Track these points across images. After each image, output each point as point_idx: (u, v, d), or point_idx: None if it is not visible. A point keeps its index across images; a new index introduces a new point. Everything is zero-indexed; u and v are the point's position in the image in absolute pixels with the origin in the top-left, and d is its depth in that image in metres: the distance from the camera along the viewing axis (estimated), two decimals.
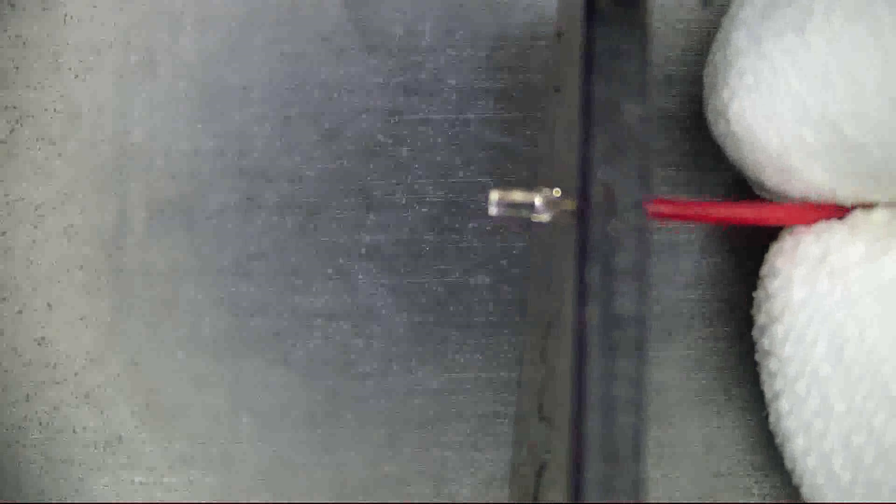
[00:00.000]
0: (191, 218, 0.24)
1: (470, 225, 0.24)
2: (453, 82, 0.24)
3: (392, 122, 0.24)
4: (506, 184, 0.24)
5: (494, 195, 0.18)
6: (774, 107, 0.20)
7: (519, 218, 0.18)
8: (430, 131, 0.24)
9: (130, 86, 0.24)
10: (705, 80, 0.22)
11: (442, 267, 0.24)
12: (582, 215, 0.15)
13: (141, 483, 0.24)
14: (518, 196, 0.18)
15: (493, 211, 0.19)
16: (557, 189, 0.18)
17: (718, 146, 0.22)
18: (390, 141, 0.24)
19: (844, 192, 0.20)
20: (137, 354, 0.24)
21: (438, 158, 0.24)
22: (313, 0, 0.24)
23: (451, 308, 0.24)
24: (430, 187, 0.24)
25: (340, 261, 0.24)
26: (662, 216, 0.22)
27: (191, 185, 0.24)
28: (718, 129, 0.21)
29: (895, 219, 0.20)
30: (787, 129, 0.20)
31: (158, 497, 0.24)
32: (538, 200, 0.18)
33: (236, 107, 0.24)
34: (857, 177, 0.20)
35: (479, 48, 0.24)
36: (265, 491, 0.24)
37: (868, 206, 0.21)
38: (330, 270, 0.24)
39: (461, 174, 0.24)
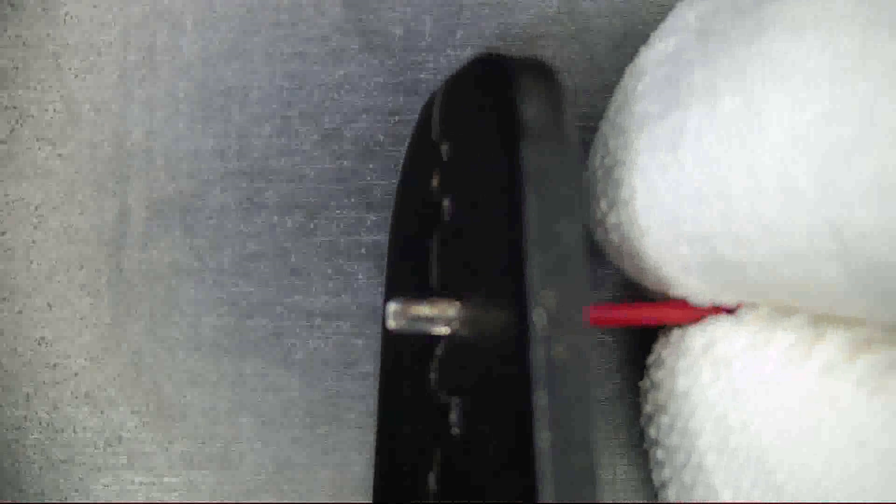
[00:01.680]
0: (191, 218, 0.24)
1: None
2: None
3: (392, 122, 0.24)
4: None
5: (392, 307, 0.18)
6: (650, 221, 0.19)
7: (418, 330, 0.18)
8: None
9: (130, 86, 0.24)
10: (584, 184, 0.21)
11: None
12: (522, 338, 0.15)
13: (141, 483, 0.24)
14: (420, 310, 0.18)
15: (391, 324, 0.18)
16: (456, 302, 0.18)
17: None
18: (390, 141, 0.24)
19: (724, 300, 0.20)
20: (137, 354, 0.24)
21: None
22: (313, 0, 0.24)
23: None
24: None
25: (340, 261, 0.24)
26: (599, 322, 0.21)
27: (191, 185, 0.24)
28: (597, 235, 0.21)
29: (779, 312, 0.19)
30: (662, 244, 0.19)
31: (158, 497, 0.24)
32: (440, 314, 0.18)
33: (236, 107, 0.24)
34: (734, 290, 0.19)
35: (479, 48, 0.24)
36: (265, 491, 0.24)
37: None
38: (330, 270, 0.24)
39: None
